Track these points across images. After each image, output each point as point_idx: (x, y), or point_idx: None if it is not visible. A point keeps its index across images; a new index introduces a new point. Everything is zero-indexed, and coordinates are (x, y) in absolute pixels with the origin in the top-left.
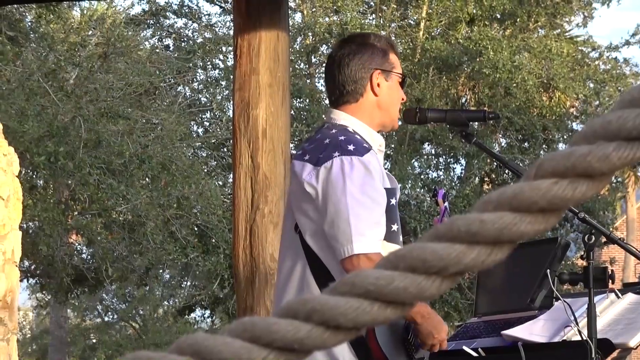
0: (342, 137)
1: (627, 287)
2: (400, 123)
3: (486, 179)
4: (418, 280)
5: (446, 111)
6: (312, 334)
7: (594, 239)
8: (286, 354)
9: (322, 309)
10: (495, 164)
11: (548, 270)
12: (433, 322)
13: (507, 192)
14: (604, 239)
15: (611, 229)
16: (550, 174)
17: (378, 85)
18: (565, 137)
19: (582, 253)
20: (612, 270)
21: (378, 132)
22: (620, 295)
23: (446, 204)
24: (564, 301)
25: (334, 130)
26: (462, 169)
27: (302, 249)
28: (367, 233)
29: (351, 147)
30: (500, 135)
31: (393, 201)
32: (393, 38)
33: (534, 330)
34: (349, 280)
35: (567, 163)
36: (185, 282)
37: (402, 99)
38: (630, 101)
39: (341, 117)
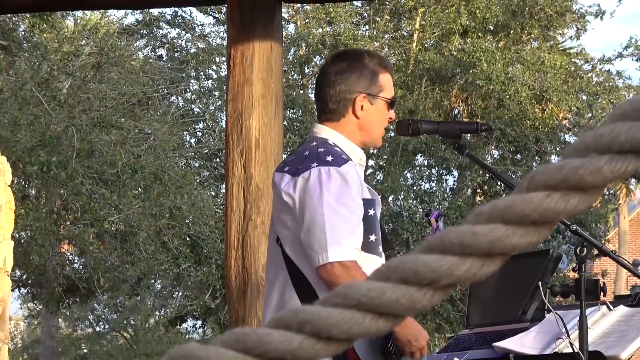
0: (322, 149)
1: (619, 300)
2: (393, 134)
3: (478, 190)
4: (410, 292)
5: (439, 123)
6: (304, 345)
7: (585, 251)
8: None
9: (314, 320)
10: (487, 175)
11: (540, 282)
12: (411, 330)
13: (499, 204)
14: (595, 251)
15: (603, 241)
16: (543, 186)
17: (361, 108)
18: (557, 149)
19: (574, 265)
20: (603, 283)
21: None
22: (611, 307)
23: (440, 223)
24: (556, 313)
25: (314, 143)
26: (454, 181)
27: (282, 260)
28: (342, 241)
29: (329, 158)
30: (493, 147)
31: (371, 212)
32: (386, 50)
33: (525, 342)
34: (341, 291)
35: (559, 176)
36: (176, 293)
37: (391, 119)
38: (622, 115)
39: (323, 130)
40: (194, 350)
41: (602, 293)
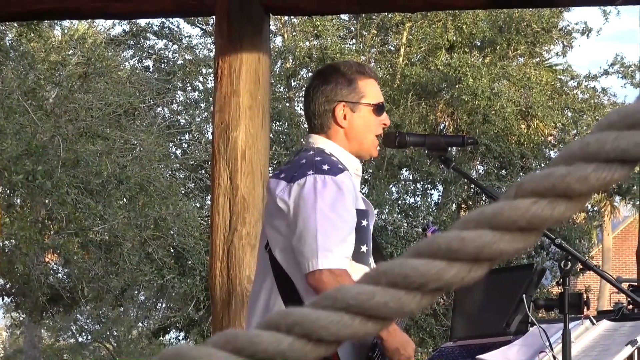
0: (318, 158)
1: (602, 315)
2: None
3: (463, 205)
4: (399, 295)
5: (425, 136)
6: (293, 346)
7: (570, 264)
8: None
9: (304, 322)
10: (472, 190)
11: (524, 296)
12: (399, 338)
13: (487, 211)
14: (579, 266)
15: (587, 258)
16: (530, 193)
17: (344, 117)
18: (542, 165)
19: (558, 279)
20: (587, 297)
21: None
22: (595, 321)
23: None
24: (539, 327)
25: (311, 152)
26: (439, 195)
27: (270, 265)
28: (333, 249)
29: (325, 167)
30: (478, 162)
31: (364, 223)
32: (372, 64)
33: (509, 355)
34: (331, 294)
35: (547, 183)
36: (160, 304)
37: (385, 125)
38: (609, 124)
39: (318, 140)
40: (185, 351)
41: (585, 307)
